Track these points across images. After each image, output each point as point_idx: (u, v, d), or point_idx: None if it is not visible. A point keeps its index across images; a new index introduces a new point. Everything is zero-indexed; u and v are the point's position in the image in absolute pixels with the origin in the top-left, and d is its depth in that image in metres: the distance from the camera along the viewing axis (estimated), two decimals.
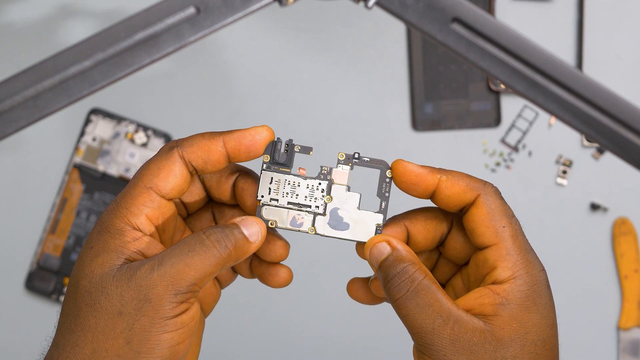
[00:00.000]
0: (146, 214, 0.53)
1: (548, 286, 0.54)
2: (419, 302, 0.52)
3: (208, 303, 0.58)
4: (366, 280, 0.58)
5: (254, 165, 0.58)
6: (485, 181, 0.55)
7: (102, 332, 0.50)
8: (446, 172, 0.55)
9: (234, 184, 0.57)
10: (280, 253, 0.58)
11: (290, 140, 0.56)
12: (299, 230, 0.56)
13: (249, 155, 0.55)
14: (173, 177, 0.53)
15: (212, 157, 0.54)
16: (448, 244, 0.58)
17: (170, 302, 0.50)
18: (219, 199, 0.58)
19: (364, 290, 0.58)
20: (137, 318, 0.50)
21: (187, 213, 0.58)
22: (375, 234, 0.56)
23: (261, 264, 0.58)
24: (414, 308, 0.52)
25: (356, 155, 0.57)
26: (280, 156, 0.56)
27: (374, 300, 0.58)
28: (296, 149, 0.56)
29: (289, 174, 0.56)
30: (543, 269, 0.54)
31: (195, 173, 0.55)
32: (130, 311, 0.50)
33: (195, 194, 0.57)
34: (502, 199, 0.55)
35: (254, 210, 0.56)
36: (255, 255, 0.59)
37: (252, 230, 0.54)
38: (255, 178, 0.57)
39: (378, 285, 0.57)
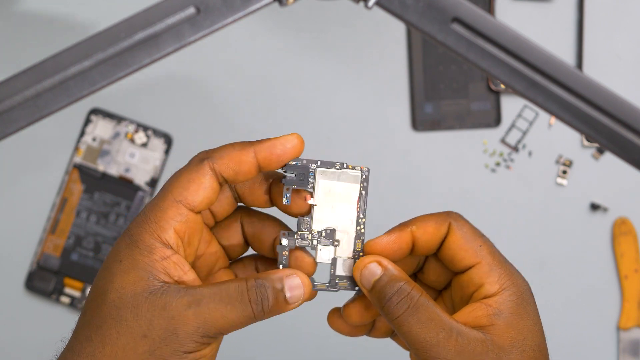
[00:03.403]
0: (174, 227, 0.53)
1: (532, 295, 0.55)
2: (420, 317, 0.52)
3: None
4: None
5: None
6: (448, 211, 0.56)
7: (122, 349, 0.51)
8: (412, 222, 0.56)
9: (269, 190, 0.57)
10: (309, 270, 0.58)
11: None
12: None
13: (279, 163, 0.55)
14: (203, 190, 0.53)
15: (243, 168, 0.54)
16: (427, 270, 0.58)
17: (196, 341, 0.51)
18: (252, 205, 0.58)
19: (342, 320, 0.58)
20: (160, 346, 0.50)
21: (214, 221, 0.58)
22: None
23: None
24: (416, 324, 0.52)
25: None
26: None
27: (353, 331, 0.58)
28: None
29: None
30: (525, 280, 0.55)
31: (225, 183, 0.55)
32: (154, 337, 0.50)
33: (224, 202, 0.57)
34: (468, 221, 0.56)
35: (298, 211, 0.56)
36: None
37: (295, 293, 0.54)
38: None
39: (351, 311, 0.57)
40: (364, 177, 0.57)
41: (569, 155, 1.03)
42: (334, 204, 0.56)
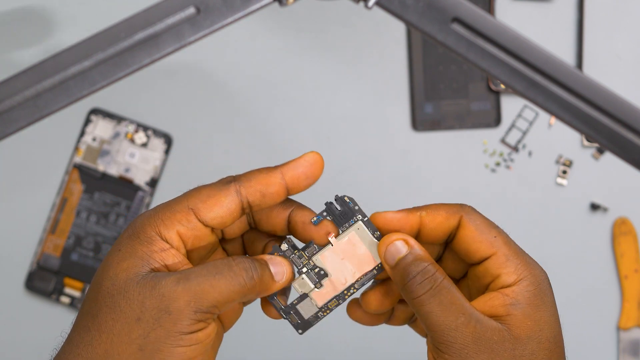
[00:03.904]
0: (178, 230, 0.53)
1: (550, 285, 0.55)
2: (442, 299, 0.52)
3: (229, 318, 0.58)
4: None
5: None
6: (462, 203, 0.56)
7: (117, 335, 0.51)
8: (423, 208, 0.56)
9: (288, 218, 0.57)
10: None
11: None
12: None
13: (307, 182, 0.55)
14: (219, 208, 0.54)
15: (270, 189, 0.54)
16: (446, 260, 0.59)
17: (189, 318, 0.51)
18: (268, 231, 0.58)
19: (362, 311, 0.58)
20: (154, 327, 0.50)
21: (222, 236, 0.58)
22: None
23: None
24: (437, 306, 0.52)
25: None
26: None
27: (373, 320, 0.59)
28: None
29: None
30: (543, 269, 0.55)
31: (249, 210, 0.55)
32: (148, 319, 0.50)
33: (235, 225, 0.57)
34: (481, 214, 0.56)
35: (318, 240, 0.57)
36: None
37: (278, 269, 0.55)
38: (311, 211, 0.57)
39: (370, 299, 0.57)
40: None
41: (569, 155, 1.03)
42: (345, 257, 0.57)
